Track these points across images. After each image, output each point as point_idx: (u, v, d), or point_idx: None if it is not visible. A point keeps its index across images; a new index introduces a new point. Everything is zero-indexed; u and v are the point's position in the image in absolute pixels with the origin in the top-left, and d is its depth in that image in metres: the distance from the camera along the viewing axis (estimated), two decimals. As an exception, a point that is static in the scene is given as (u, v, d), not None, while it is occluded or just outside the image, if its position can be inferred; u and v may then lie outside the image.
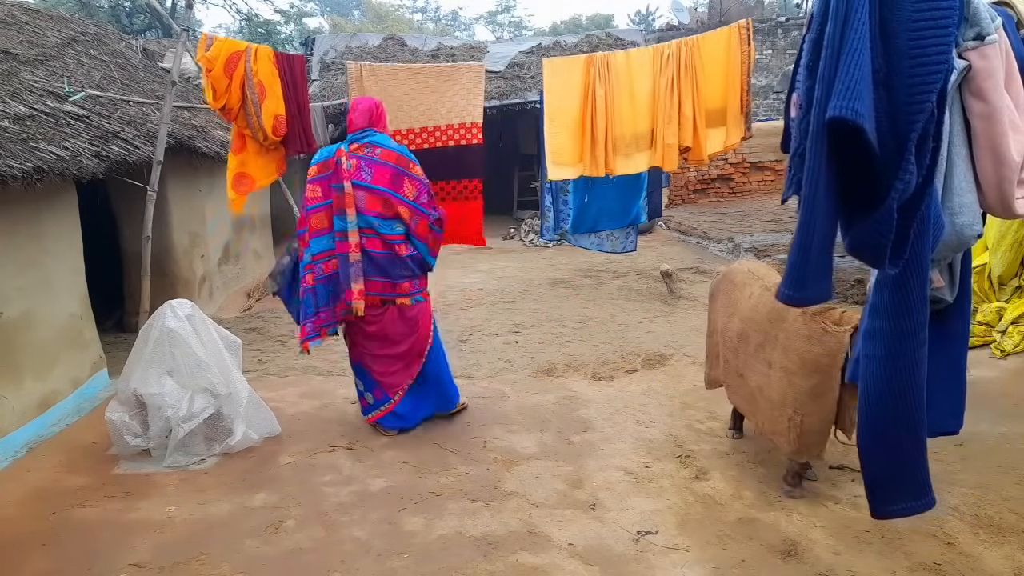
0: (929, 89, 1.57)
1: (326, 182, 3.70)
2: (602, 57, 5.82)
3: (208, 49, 4.81)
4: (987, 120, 1.79)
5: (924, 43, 1.57)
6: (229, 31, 27.39)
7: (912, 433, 1.91)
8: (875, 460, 1.97)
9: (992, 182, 1.83)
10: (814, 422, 2.98)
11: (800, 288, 1.79)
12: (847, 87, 1.52)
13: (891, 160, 1.60)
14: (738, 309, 3.43)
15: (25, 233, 4.15)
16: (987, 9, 1.78)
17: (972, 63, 1.76)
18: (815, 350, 2.90)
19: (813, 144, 1.65)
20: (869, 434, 1.96)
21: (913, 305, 1.81)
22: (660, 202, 7.40)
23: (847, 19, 1.58)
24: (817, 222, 1.68)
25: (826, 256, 1.75)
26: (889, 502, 1.98)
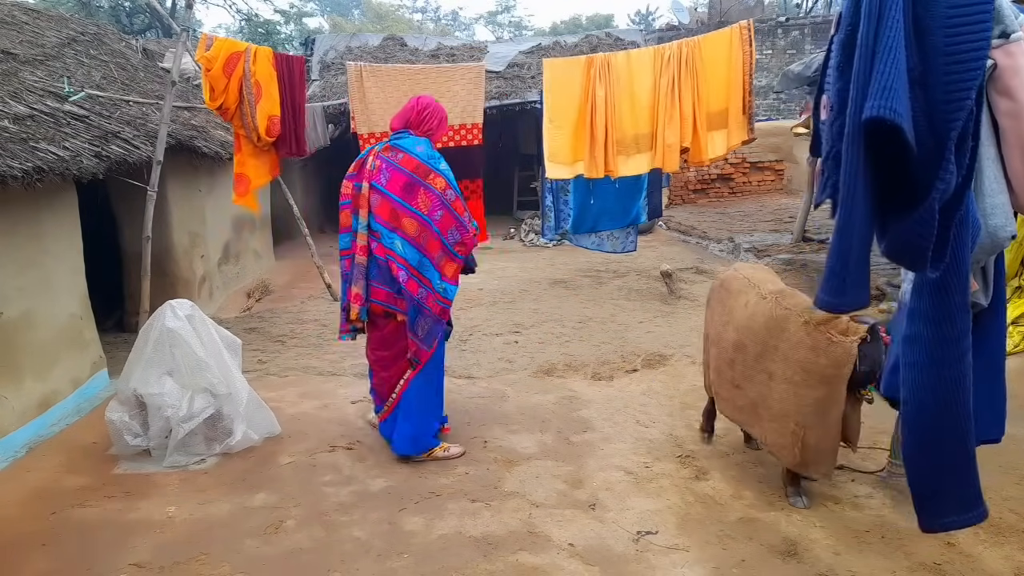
0: (968, 87, 1.54)
1: (353, 180, 3.60)
2: (602, 58, 5.82)
3: (208, 49, 4.82)
4: (1015, 118, 1.76)
5: (961, 40, 1.54)
6: (229, 31, 27.40)
7: (961, 443, 1.84)
8: (922, 472, 1.91)
9: (1023, 181, 1.80)
10: (819, 436, 2.87)
11: (840, 295, 1.73)
12: (884, 86, 1.48)
13: (930, 160, 1.56)
14: (733, 318, 3.33)
15: (25, 233, 4.16)
16: (1011, 7, 1.76)
17: (997, 61, 1.74)
18: (821, 361, 2.81)
19: (849, 146, 1.60)
20: (915, 445, 1.90)
21: (956, 310, 1.76)
22: (660, 202, 7.41)
23: (881, 18, 1.54)
24: (856, 225, 1.63)
25: (865, 260, 1.70)
26: (939, 515, 1.92)
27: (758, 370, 3.13)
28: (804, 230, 8.79)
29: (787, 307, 3.03)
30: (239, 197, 5.34)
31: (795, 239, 8.78)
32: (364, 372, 5.08)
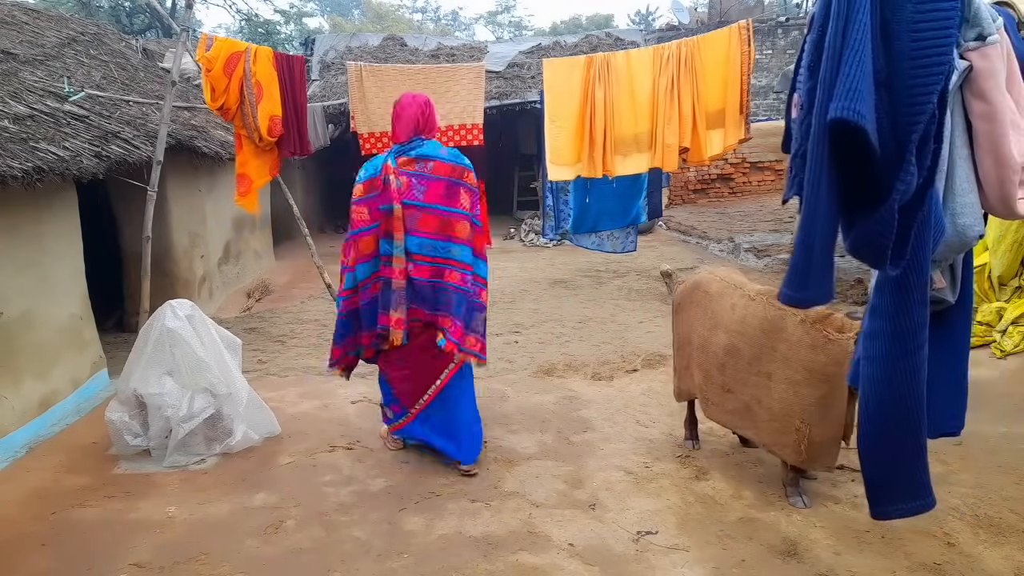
0: (930, 91, 1.57)
1: (374, 203, 3.34)
2: (602, 58, 5.82)
3: (208, 49, 4.81)
4: (989, 120, 1.79)
5: (925, 44, 1.57)
6: (229, 31, 27.40)
7: (913, 434, 1.91)
8: (875, 461, 1.98)
9: (994, 182, 1.83)
10: (823, 432, 2.90)
11: (802, 288, 1.79)
12: (849, 88, 1.52)
13: (892, 161, 1.60)
14: (721, 321, 3.29)
15: (25, 233, 4.16)
16: (988, 9, 1.78)
17: (973, 63, 1.76)
18: (820, 359, 2.83)
19: (815, 145, 1.65)
20: (869, 435, 1.96)
21: (913, 306, 1.81)
22: (660, 202, 7.41)
23: (848, 20, 1.58)
24: (819, 222, 1.68)
25: (828, 256, 1.75)
26: (889, 503, 1.99)
27: (753, 372, 3.12)
28: (804, 230, 8.78)
29: (781, 307, 3.04)
30: (240, 197, 5.33)
31: (795, 236, 8.78)
32: (364, 372, 5.08)
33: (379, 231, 3.35)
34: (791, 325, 2.97)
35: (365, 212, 3.36)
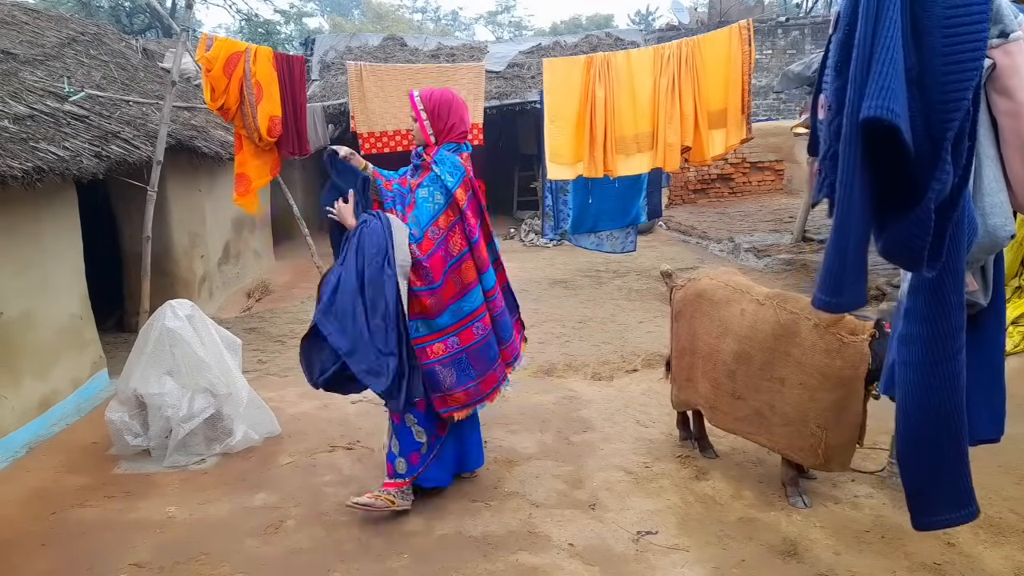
0: (965, 87, 1.54)
1: (474, 203, 2.99)
2: (602, 57, 5.82)
3: (208, 49, 4.82)
4: (1014, 117, 1.76)
5: (958, 40, 1.55)
6: (229, 31, 27.40)
7: (954, 441, 1.85)
8: (916, 470, 1.92)
9: (1022, 180, 1.79)
10: (840, 435, 2.89)
11: (837, 294, 1.73)
12: (881, 86, 1.49)
13: (927, 160, 1.56)
14: (730, 328, 3.24)
15: (25, 233, 4.16)
16: (1010, 7, 1.77)
17: (996, 61, 1.74)
18: (837, 363, 2.81)
19: (846, 146, 1.61)
20: (909, 443, 1.90)
21: (951, 309, 1.77)
22: (660, 202, 7.41)
23: (878, 18, 1.55)
24: (853, 225, 1.63)
25: (862, 260, 1.70)
26: (931, 513, 1.93)
27: (765, 378, 3.09)
28: (804, 230, 8.79)
29: (793, 311, 3.01)
30: (239, 197, 5.34)
31: (795, 239, 8.78)
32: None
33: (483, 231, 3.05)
34: (804, 330, 2.94)
35: (472, 216, 2.97)
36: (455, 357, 2.97)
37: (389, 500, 3.06)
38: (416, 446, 3.10)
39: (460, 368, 2.99)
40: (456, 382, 3.00)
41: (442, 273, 2.88)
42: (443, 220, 2.88)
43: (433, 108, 2.94)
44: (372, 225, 2.83)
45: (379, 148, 5.88)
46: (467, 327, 2.98)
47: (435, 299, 2.88)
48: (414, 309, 2.88)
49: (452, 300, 2.94)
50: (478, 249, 2.97)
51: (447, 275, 2.90)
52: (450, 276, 2.91)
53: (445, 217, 2.89)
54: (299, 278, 8.56)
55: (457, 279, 2.94)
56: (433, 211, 2.86)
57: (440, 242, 2.88)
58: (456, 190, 2.89)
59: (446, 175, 2.87)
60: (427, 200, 2.87)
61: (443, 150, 2.94)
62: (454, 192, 2.88)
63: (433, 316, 2.91)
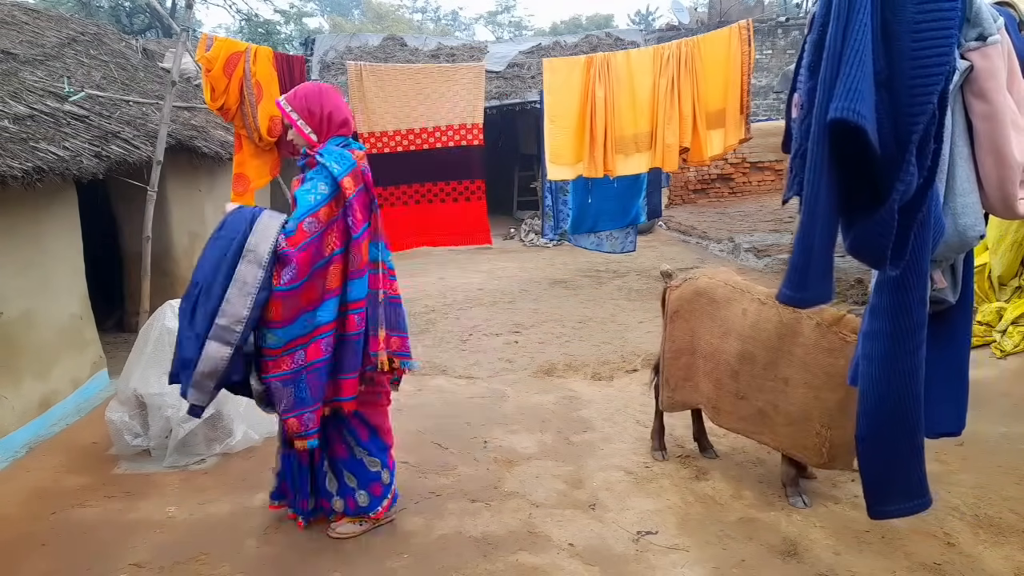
0: (930, 91, 1.58)
1: (363, 197, 2.73)
2: (602, 57, 5.83)
3: (208, 49, 4.82)
4: (989, 120, 1.79)
5: (926, 45, 1.57)
6: (229, 31, 27.39)
7: (910, 434, 1.91)
8: (873, 461, 1.98)
9: (994, 183, 1.83)
10: (844, 434, 2.89)
11: (802, 289, 1.79)
12: (849, 88, 1.52)
13: (892, 161, 1.60)
14: (732, 328, 3.23)
15: (25, 233, 4.16)
16: (989, 9, 1.78)
17: (974, 63, 1.77)
18: (840, 363, 2.83)
19: (815, 145, 1.65)
20: (867, 435, 1.96)
21: (913, 305, 1.81)
22: (660, 202, 7.42)
23: (849, 20, 1.58)
24: (819, 223, 1.68)
25: (827, 257, 1.75)
26: (886, 502, 1.99)
27: (769, 378, 3.09)
28: (804, 230, 8.78)
29: (796, 310, 3.02)
30: (237, 196, 5.33)
31: (795, 236, 8.78)
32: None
33: (370, 233, 2.77)
34: (807, 329, 2.95)
35: (358, 210, 2.69)
36: (297, 375, 2.63)
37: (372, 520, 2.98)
38: (374, 477, 2.95)
39: (298, 389, 2.64)
40: (293, 405, 2.65)
41: (308, 273, 2.58)
42: (324, 212, 2.61)
43: (302, 106, 2.74)
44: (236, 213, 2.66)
45: (379, 148, 5.87)
46: (314, 341, 2.64)
47: (292, 301, 2.58)
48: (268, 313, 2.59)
49: (308, 307, 2.63)
50: (357, 249, 2.67)
51: (312, 277, 2.60)
52: (314, 279, 2.61)
53: (328, 209, 2.62)
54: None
55: (320, 284, 2.64)
56: (314, 202, 2.60)
57: (315, 238, 2.59)
58: (343, 178, 2.63)
59: (332, 163, 2.64)
60: (308, 192, 2.62)
61: (329, 144, 2.74)
62: (340, 180, 2.62)
63: (285, 323, 2.60)
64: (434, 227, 6.20)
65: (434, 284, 8.12)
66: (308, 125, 2.75)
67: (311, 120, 2.75)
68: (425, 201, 6.13)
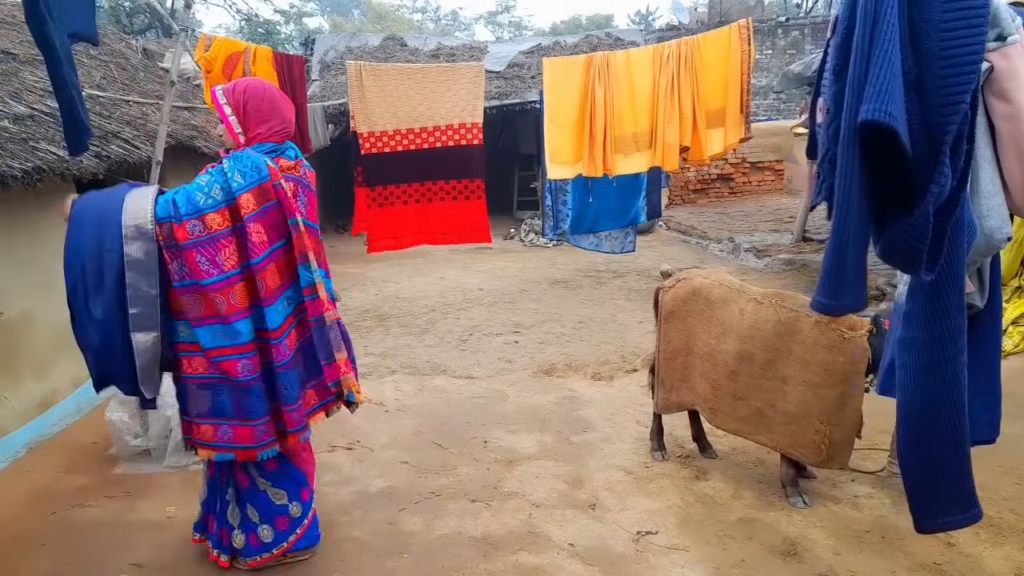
0: (963, 91, 1.55)
1: (270, 217, 2.45)
2: (602, 57, 5.83)
3: (207, 49, 4.82)
4: (1012, 121, 1.77)
5: (955, 44, 1.55)
6: (229, 31, 27.38)
7: (955, 443, 1.85)
8: (917, 472, 1.92)
9: (1019, 183, 1.81)
10: (842, 431, 2.91)
11: (837, 296, 1.74)
12: (879, 90, 1.49)
13: (925, 163, 1.57)
14: (730, 328, 3.22)
15: (25, 233, 4.16)
16: (1007, 10, 1.77)
17: (994, 64, 1.75)
18: (839, 359, 2.85)
19: (845, 148, 1.62)
20: (910, 446, 1.90)
21: (950, 311, 1.77)
22: (659, 202, 7.41)
23: (876, 21, 1.55)
24: (851, 228, 1.64)
25: (861, 262, 1.71)
26: (934, 515, 1.93)
27: (767, 377, 3.10)
28: (804, 230, 8.79)
29: (793, 309, 3.03)
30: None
31: (795, 239, 8.78)
32: (364, 371, 5.09)
33: (288, 254, 2.51)
34: (806, 327, 2.96)
35: (263, 231, 2.43)
36: (214, 382, 2.48)
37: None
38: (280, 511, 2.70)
39: (216, 398, 2.50)
40: (208, 412, 2.51)
41: (203, 280, 2.39)
42: (211, 219, 2.39)
43: (238, 101, 2.54)
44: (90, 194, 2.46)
45: (379, 148, 5.87)
46: (231, 358, 2.44)
47: (193, 302, 2.43)
48: (175, 306, 2.45)
49: (211, 320, 2.44)
50: (261, 274, 2.43)
51: (208, 288, 2.39)
52: (212, 290, 2.40)
53: (216, 218, 2.39)
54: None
55: (222, 300, 2.41)
56: (202, 203, 2.38)
57: (200, 243, 2.37)
58: (240, 195, 2.39)
59: (234, 172, 2.42)
60: (199, 188, 2.42)
61: (249, 150, 2.51)
62: (237, 197, 2.39)
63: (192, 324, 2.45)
64: (434, 225, 6.21)
65: (434, 284, 8.11)
66: (239, 124, 2.54)
67: (243, 119, 2.54)
68: (425, 200, 6.13)
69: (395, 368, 5.19)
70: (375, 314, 6.81)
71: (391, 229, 6.15)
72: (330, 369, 2.57)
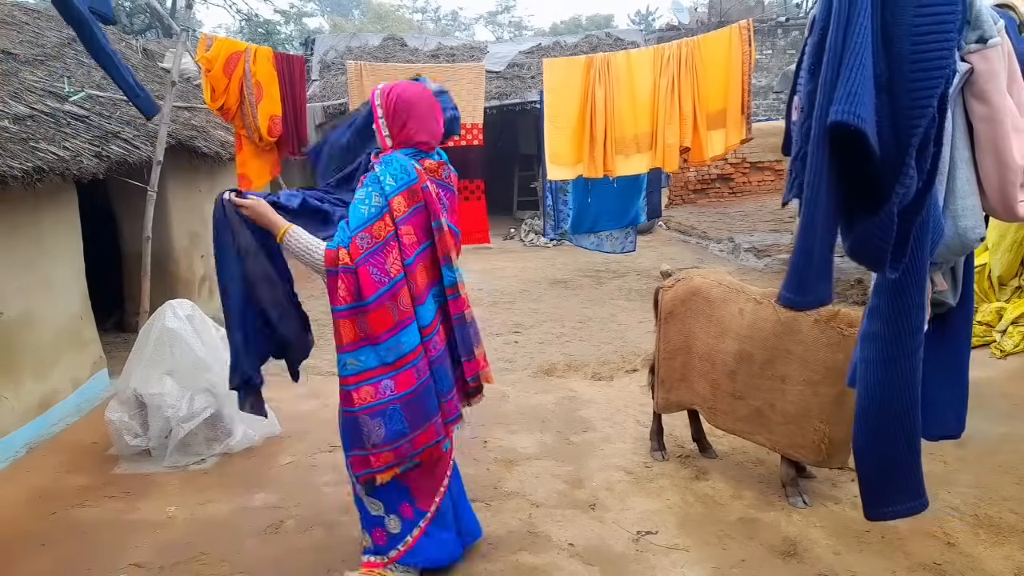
0: (930, 94, 1.58)
1: (419, 219, 2.48)
2: (602, 58, 5.82)
3: (208, 49, 4.82)
4: (990, 123, 1.79)
5: (926, 48, 1.58)
6: (229, 31, 27.38)
7: (907, 436, 1.92)
8: (870, 462, 1.99)
9: (995, 185, 1.83)
10: (841, 429, 2.91)
11: (801, 292, 1.79)
12: (849, 92, 1.52)
13: (892, 164, 1.60)
14: (729, 328, 3.22)
15: (25, 233, 4.16)
16: (989, 12, 1.79)
17: (974, 66, 1.77)
18: (839, 357, 2.85)
19: (815, 148, 1.66)
20: (864, 437, 1.97)
21: (910, 309, 1.82)
22: (659, 202, 7.41)
23: (849, 23, 1.58)
24: (819, 225, 1.68)
25: (827, 259, 1.75)
26: (883, 504, 2.00)
27: (766, 377, 3.10)
28: (804, 230, 8.79)
29: None
30: (238, 197, 5.34)
31: (795, 239, 8.79)
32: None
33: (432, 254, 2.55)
34: (806, 326, 2.96)
35: (413, 233, 2.46)
36: (388, 405, 2.44)
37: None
38: (391, 507, 2.62)
39: (391, 420, 2.45)
40: (385, 437, 2.45)
41: (375, 293, 2.38)
42: (378, 228, 2.39)
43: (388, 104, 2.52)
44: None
45: (379, 148, 5.89)
46: (405, 369, 2.44)
47: (363, 324, 2.40)
48: (341, 337, 2.46)
49: (388, 333, 2.42)
50: (412, 275, 2.46)
51: (381, 298, 2.39)
52: (386, 301, 2.39)
53: (381, 225, 2.40)
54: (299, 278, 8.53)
55: (394, 307, 2.41)
56: (367, 215, 2.39)
57: (371, 252, 2.38)
58: (394, 197, 2.41)
59: (387, 176, 2.43)
60: (362, 201, 2.42)
61: (397, 152, 2.51)
62: (390, 199, 2.40)
63: (361, 346, 2.44)
64: (434, 227, 6.20)
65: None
66: (387, 127, 2.52)
67: (391, 122, 2.52)
68: (425, 201, 6.12)
69: (395, 368, 5.18)
70: (375, 314, 6.81)
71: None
72: (470, 364, 2.61)
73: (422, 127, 2.53)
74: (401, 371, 2.43)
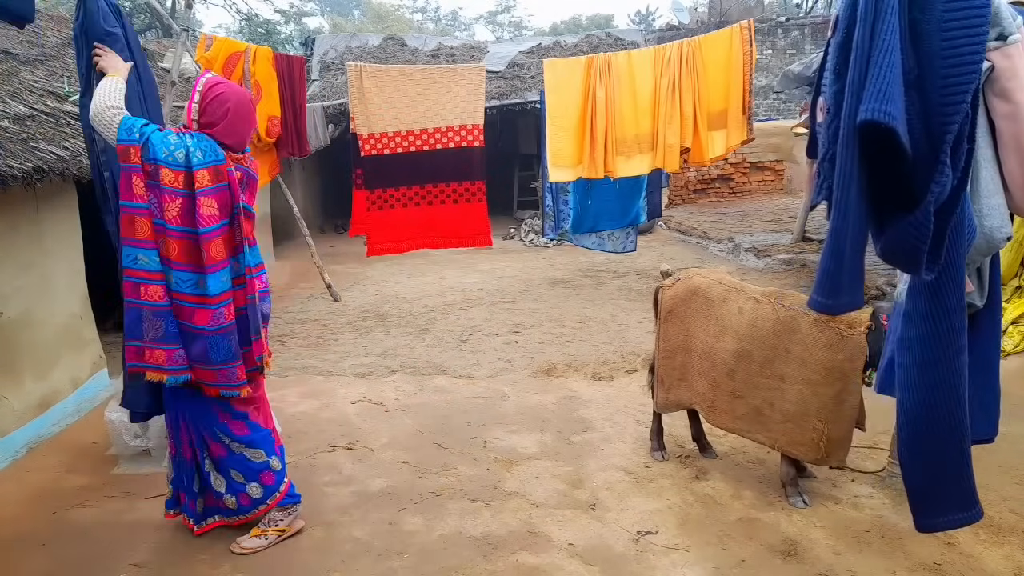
0: (964, 90, 1.55)
1: (223, 196, 2.66)
2: (603, 58, 5.83)
3: (208, 49, 4.83)
4: (1012, 120, 1.76)
5: (957, 43, 1.55)
6: (229, 31, 27.37)
7: (956, 442, 1.86)
8: (918, 471, 1.92)
9: (1019, 183, 1.80)
10: (840, 428, 2.93)
11: (835, 295, 1.74)
12: (879, 90, 1.49)
13: (925, 163, 1.57)
14: (729, 327, 3.23)
15: (25, 233, 4.16)
16: (1008, 9, 1.77)
17: (995, 63, 1.74)
18: (838, 357, 2.86)
19: (844, 148, 1.62)
20: (910, 445, 1.91)
21: (951, 310, 1.77)
22: (660, 202, 7.43)
23: (876, 20, 1.55)
24: (850, 227, 1.64)
25: (858, 262, 1.71)
26: (935, 514, 1.93)
27: (765, 376, 3.11)
28: (804, 230, 8.79)
29: (792, 308, 3.04)
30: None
31: (795, 239, 8.78)
32: (364, 371, 5.09)
33: (233, 234, 2.72)
34: (804, 326, 2.97)
35: (215, 206, 2.63)
36: (165, 309, 2.73)
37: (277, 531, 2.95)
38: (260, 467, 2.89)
39: (168, 324, 2.74)
40: (161, 337, 2.74)
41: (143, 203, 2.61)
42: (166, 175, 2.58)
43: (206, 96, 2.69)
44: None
45: (379, 150, 5.87)
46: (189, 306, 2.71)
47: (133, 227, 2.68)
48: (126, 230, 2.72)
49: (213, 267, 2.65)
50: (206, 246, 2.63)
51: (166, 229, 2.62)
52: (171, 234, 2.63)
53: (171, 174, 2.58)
54: (299, 278, 8.55)
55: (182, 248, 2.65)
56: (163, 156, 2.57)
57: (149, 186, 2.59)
58: (198, 170, 2.59)
59: (196, 149, 2.60)
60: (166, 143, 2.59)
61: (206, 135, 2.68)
62: (195, 171, 2.58)
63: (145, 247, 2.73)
64: (435, 229, 6.20)
65: (434, 284, 8.11)
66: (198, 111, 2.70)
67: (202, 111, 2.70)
68: (425, 203, 6.13)
69: (395, 368, 5.19)
70: (375, 314, 6.82)
71: (391, 232, 6.14)
72: (257, 344, 2.83)
73: (230, 132, 2.72)
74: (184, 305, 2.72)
